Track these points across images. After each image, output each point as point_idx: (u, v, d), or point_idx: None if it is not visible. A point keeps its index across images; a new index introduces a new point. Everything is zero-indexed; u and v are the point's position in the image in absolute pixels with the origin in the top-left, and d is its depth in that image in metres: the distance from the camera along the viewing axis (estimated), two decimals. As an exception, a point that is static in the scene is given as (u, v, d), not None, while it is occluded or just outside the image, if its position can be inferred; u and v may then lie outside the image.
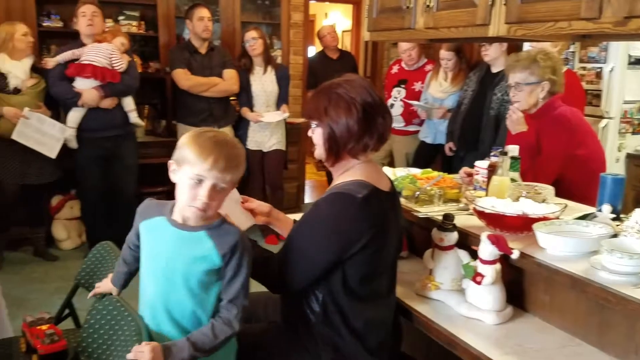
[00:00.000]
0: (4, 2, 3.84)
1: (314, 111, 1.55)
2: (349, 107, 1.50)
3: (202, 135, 1.36)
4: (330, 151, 1.55)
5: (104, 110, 3.65)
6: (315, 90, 1.63)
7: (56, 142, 3.59)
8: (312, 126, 1.58)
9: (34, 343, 1.76)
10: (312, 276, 1.51)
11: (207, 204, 1.35)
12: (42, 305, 3.14)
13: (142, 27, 4.34)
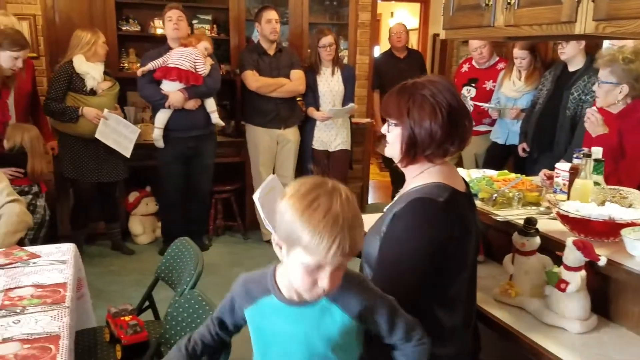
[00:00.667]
0: (87, 8, 4.05)
1: (394, 110, 1.49)
2: (434, 111, 1.45)
3: (316, 211, 1.09)
4: (407, 153, 1.50)
5: (188, 111, 3.79)
6: (396, 87, 1.54)
7: (129, 142, 3.77)
8: (389, 124, 1.53)
9: (118, 333, 1.85)
10: (413, 292, 1.41)
11: (329, 290, 1.15)
12: (120, 296, 3.30)
13: (214, 31, 4.46)
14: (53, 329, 1.46)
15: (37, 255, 1.99)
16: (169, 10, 3.77)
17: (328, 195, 1.12)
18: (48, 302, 1.62)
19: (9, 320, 1.50)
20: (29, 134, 3.16)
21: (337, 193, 1.13)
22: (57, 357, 1.32)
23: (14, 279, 1.79)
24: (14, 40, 3.08)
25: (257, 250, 4.25)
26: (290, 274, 1.18)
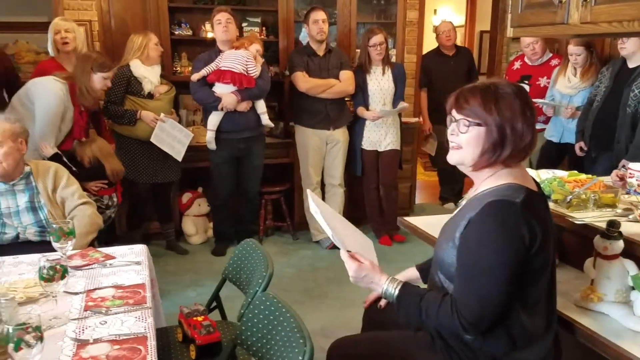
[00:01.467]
0: (141, 12, 4.15)
1: (479, 109, 1.44)
2: (523, 110, 1.42)
3: None
4: (489, 155, 1.46)
5: (239, 113, 3.84)
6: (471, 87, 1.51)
7: (182, 146, 3.84)
8: (464, 125, 1.46)
9: (192, 333, 1.88)
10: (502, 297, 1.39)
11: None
12: (179, 296, 3.36)
13: (263, 33, 4.50)
14: (139, 329, 1.49)
15: (112, 256, 2.05)
16: (217, 13, 3.81)
17: None
18: (130, 302, 1.66)
19: (96, 321, 1.54)
20: (95, 144, 3.32)
21: None
22: (147, 358, 1.35)
23: (93, 280, 1.84)
24: (102, 62, 3.22)
25: (307, 250, 4.27)
26: None
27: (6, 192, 2.33)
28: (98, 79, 3.22)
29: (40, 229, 2.34)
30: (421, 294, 1.52)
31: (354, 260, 1.56)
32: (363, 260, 1.57)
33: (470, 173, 1.56)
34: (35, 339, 1.18)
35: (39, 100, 3.10)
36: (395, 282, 1.56)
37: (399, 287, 1.54)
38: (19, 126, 2.36)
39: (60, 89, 3.12)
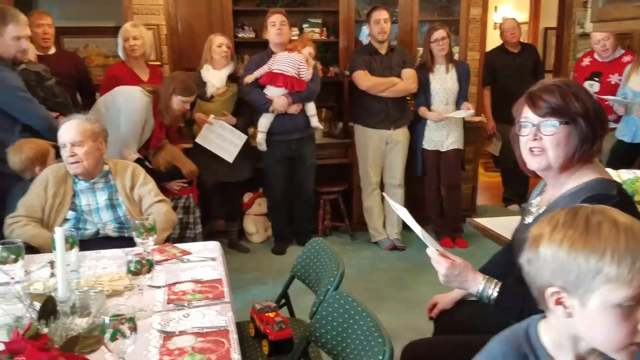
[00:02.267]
0: (206, 16, 4.26)
1: (566, 108, 1.40)
2: (601, 106, 1.42)
3: (601, 229, 0.88)
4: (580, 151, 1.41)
5: (290, 115, 3.88)
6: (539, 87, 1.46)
7: (234, 147, 3.89)
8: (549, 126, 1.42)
9: (264, 329, 1.91)
10: None
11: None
12: (243, 293, 3.42)
13: (323, 33, 4.53)
14: (221, 323, 1.53)
15: (188, 252, 2.11)
16: (272, 15, 3.85)
17: (596, 211, 0.92)
18: (210, 297, 1.70)
19: (180, 314, 1.59)
20: (164, 149, 3.48)
21: (600, 207, 0.94)
22: (230, 351, 1.38)
23: (173, 274, 1.90)
24: (185, 86, 3.33)
25: (365, 252, 4.26)
26: (589, 331, 0.91)
27: (87, 190, 2.44)
28: (177, 101, 3.33)
29: (119, 225, 2.44)
30: (522, 296, 1.47)
31: (446, 259, 1.50)
32: (455, 258, 1.51)
33: (550, 174, 1.51)
34: (130, 330, 1.24)
35: (125, 109, 3.21)
36: (492, 282, 1.49)
37: (498, 288, 1.48)
38: (99, 126, 2.48)
39: (145, 101, 3.26)
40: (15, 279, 1.68)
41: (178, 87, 3.31)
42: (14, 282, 1.67)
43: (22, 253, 1.67)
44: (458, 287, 1.56)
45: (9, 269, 1.64)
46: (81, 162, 2.37)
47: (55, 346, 1.29)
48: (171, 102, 3.32)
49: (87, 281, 1.78)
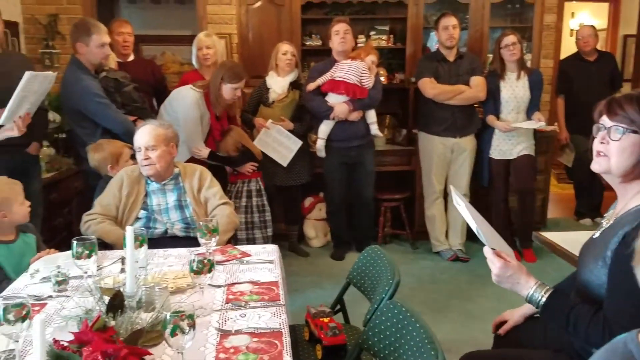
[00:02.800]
0: (276, 25, 4.37)
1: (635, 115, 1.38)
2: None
3: None
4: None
5: (350, 122, 3.90)
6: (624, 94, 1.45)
7: (289, 152, 3.95)
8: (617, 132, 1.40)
9: (318, 333, 1.94)
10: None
11: None
12: (300, 296, 3.47)
13: (390, 40, 4.53)
14: (275, 325, 1.57)
15: (248, 254, 2.18)
16: (336, 24, 3.89)
17: None
18: (266, 299, 1.75)
19: (236, 313, 1.65)
20: (231, 133, 3.63)
21: None
22: (283, 353, 1.42)
23: (232, 275, 1.97)
24: (233, 73, 3.41)
25: (426, 261, 4.20)
26: None
27: (158, 191, 2.58)
28: (227, 90, 3.42)
29: (186, 225, 2.55)
30: (571, 306, 1.44)
31: (500, 259, 1.50)
32: (509, 258, 1.51)
33: (617, 185, 1.48)
34: (189, 327, 1.30)
35: (180, 109, 3.41)
36: (543, 288, 1.49)
37: (547, 295, 1.47)
38: (171, 131, 2.61)
39: (196, 96, 3.39)
40: (89, 273, 1.80)
41: (226, 75, 3.38)
42: (87, 276, 1.78)
43: (96, 249, 1.78)
44: (510, 289, 1.55)
45: (83, 264, 1.75)
46: (154, 165, 2.50)
47: (120, 339, 1.37)
48: (221, 92, 3.40)
49: (153, 278, 1.88)
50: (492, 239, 1.60)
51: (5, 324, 1.30)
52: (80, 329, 1.39)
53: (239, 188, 3.79)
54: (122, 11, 5.90)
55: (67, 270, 1.89)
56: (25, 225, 2.34)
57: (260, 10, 4.36)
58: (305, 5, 4.35)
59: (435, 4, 4.49)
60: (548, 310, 1.47)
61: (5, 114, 2.73)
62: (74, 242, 1.74)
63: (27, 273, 2.00)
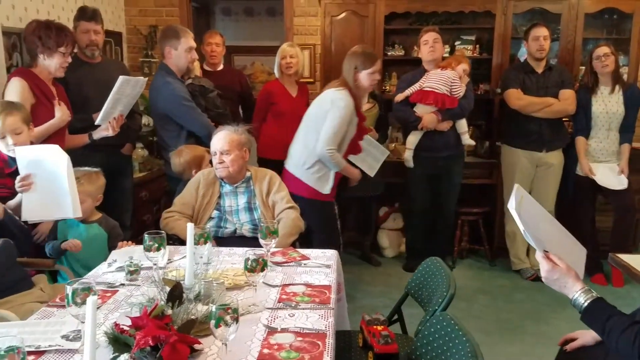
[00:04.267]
0: (358, 36, 4.42)
1: None
2: None
3: None
4: None
5: (439, 132, 3.84)
6: None
7: (377, 162, 3.91)
8: None
9: (370, 341, 1.94)
10: None
11: None
12: (368, 305, 3.48)
13: (476, 50, 4.43)
14: (320, 327, 1.61)
15: (307, 257, 2.24)
16: (425, 34, 3.85)
17: None
18: (316, 301, 1.80)
19: (285, 313, 1.71)
20: None
21: None
22: (323, 354, 1.45)
23: (289, 276, 2.04)
24: (366, 57, 3.16)
25: (504, 279, 4.04)
26: None
27: (230, 193, 2.71)
28: (364, 77, 3.12)
29: (253, 226, 2.66)
30: (610, 314, 1.46)
31: (548, 261, 1.55)
32: (559, 262, 1.54)
33: None
34: (232, 320, 1.37)
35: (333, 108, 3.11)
36: (589, 294, 1.51)
37: (590, 300, 1.49)
38: (245, 137, 2.74)
39: (348, 100, 3.09)
40: (158, 265, 1.94)
41: (359, 62, 3.12)
42: (156, 267, 1.92)
43: (164, 243, 1.91)
44: (558, 290, 1.58)
45: (153, 256, 1.89)
46: (227, 168, 2.64)
47: (174, 327, 1.47)
48: (359, 82, 3.14)
49: (214, 273, 1.99)
50: (552, 241, 1.62)
51: (74, 305, 1.45)
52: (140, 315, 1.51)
53: None
54: (217, 23, 6.25)
55: (140, 262, 2.04)
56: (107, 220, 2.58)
57: (344, 21, 4.44)
58: (389, 16, 4.37)
59: (525, 13, 4.34)
60: (588, 315, 1.50)
61: (101, 115, 3.01)
62: (145, 236, 1.88)
63: (106, 262, 2.19)
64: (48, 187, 2.31)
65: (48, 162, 2.33)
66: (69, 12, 3.72)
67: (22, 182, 2.29)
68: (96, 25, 3.26)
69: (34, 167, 2.31)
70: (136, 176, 3.86)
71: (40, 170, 2.32)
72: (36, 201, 2.31)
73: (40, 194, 2.31)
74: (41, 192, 2.31)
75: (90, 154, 3.10)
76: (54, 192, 2.32)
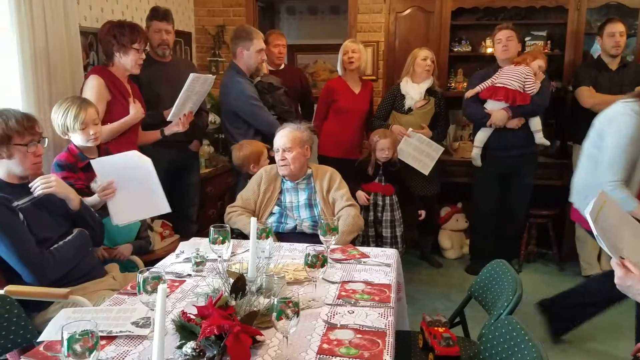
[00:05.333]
0: (424, 32, 4.36)
1: None
2: None
3: None
4: None
5: (510, 130, 3.71)
6: None
7: (431, 160, 3.84)
8: None
9: (431, 342, 1.91)
10: None
11: None
12: (426, 306, 3.43)
13: (547, 47, 4.26)
14: (380, 325, 1.60)
15: (367, 255, 2.24)
16: (498, 32, 3.72)
17: None
18: (376, 299, 1.79)
19: (345, 309, 1.71)
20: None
21: None
22: (383, 352, 1.44)
23: (348, 273, 2.04)
24: None
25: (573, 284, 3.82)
26: None
27: (291, 189, 2.75)
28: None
29: (313, 223, 2.68)
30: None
31: (622, 267, 1.49)
32: (633, 268, 1.48)
33: None
34: (293, 313, 1.39)
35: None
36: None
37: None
38: (307, 134, 2.76)
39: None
40: (222, 258, 1.99)
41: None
42: (221, 260, 1.98)
43: (229, 237, 1.97)
44: (632, 298, 1.55)
45: (218, 249, 1.95)
46: (289, 166, 2.68)
47: (237, 317, 1.51)
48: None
49: (276, 267, 2.02)
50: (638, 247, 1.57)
51: (144, 293, 1.51)
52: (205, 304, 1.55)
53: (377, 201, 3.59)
54: (282, 22, 6.33)
55: (206, 254, 2.11)
56: None
57: (409, 17, 4.38)
58: (455, 11, 4.28)
59: (599, 8, 4.13)
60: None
61: (173, 111, 3.12)
62: (211, 229, 1.95)
63: (174, 253, 2.28)
64: (135, 190, 2.43)
65: (130, 167, 2.45)
66: (142, 12, 3.88)
67: (105, 191, 2.39)
68: (168, 25, 3.39)
69: (115, 175, 2.41)
70: (202, 172, 3.98)
71: (122, 176, 2.41)
72: (123, 205, 2.42)
73: (125, 198, 2.42)
74: (126, 196, 2.42)
75: (161, 150, 3.23)
76: (143, 193, 2.45)
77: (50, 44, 2.80)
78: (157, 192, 2.48)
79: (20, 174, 2.11)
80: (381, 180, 3.58)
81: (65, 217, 2.21)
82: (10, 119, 2.05)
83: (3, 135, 2.03)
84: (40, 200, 2.14)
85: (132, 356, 1.43)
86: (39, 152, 2.14)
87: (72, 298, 1.98)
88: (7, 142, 2.04)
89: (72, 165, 2.53)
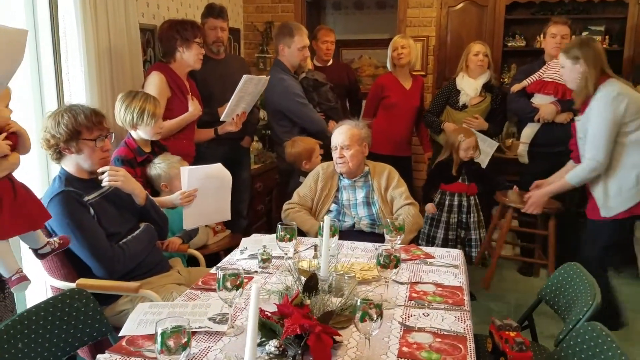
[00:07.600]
0: (476, 26, 4.27)
1: None
2: None
3: None
4: None
5: (557, 125, 3.60)
6: None
7: (486, 156, 3.74)
8: None
9: (502, 346, 1.86)
10: None
11: None
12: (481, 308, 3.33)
13: (605, 42, 4.12)
14: (459, 329, 1.57)
15: (431, 255, 2.20)
16: (554, 26, 3.60)
17: None
18: (449, 302, 1.75)
19: (419, 312, 1.68)
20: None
21: None
22: (467, 358, 1.41)
23: (415, 274, 2.01)
24: None
25: (629, 287, 3.74)
26: None
27: (349, 187, 2.73)
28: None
29: (371, 221, 2.66)
30: None
31: None
32: None
33: None
34: (376, 315, 1.37)
35: None
36: None
37: None
38: (365, 132, 2.73)
39: None
40: (288, 255, 1.99)
41: None
42: (286, 257, 1.97)
43: (295, 234, 1.96)
44: None
45: (284, 246, 1.95)
46: (347, 163, 2.66)
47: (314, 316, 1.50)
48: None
49: (342, 266, 2.00)
50: None
51: (224, 290, 1.51)
52: (281, 302, 1.55)
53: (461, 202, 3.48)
54: (328, 17, 6.30)
55: (271, 250, 2.11)
56: None
57: (462, 11, 4.30)
58: (510, 5, 4.18)
59: (663, 1, 3.97)
60: None
61: (226, 112, 3.14)
62: (279, 226, 1.94)
63: (238, 249, 2.29)
64: (211, 198, 2.50)
65: (213, 177, 2.51)
66: (195, 8, 3.91)
67: (188, 197, 2.42)
68: (223, 22, 3.40)
69: (199, 184, 2.45)
70: (252, 168, 4.00)
71: (204, 185, 2.46)
72: (196, 211, 2.47)
73: (200, 205, 2.47)
74: (201, 204, 2.47)
75: (214, 147, 3.26)
76: (217, 202, 2.54)
77: (112, 42, 2.85)
78: (227, 201, 2.58)
79: (89, 168, 2.14)
80: (464, 180, 3.47)
81: (132, 211, 2.24)
82: (79, 114, 2.08)
83: (72, 130, 2.05)
84: (108, 194, 2.18)
85: (213, 352, 1.44)
86: (106, 147, 2.17)
87: (142, 292, 2.00)
88: (76, 137, 2.06)
89: (131, 160, 2.57)
